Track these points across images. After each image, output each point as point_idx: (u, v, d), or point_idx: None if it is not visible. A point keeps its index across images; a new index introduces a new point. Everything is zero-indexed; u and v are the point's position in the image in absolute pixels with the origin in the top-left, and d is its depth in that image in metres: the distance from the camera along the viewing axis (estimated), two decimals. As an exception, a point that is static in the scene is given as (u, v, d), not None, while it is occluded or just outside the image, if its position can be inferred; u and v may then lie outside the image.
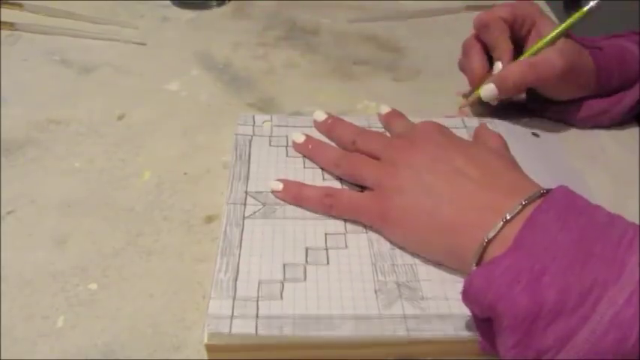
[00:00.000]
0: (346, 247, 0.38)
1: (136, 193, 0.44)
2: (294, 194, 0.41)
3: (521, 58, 0.49)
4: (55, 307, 0.36)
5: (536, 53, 0.48)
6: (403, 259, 0.38)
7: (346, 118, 0.50)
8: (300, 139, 0.45)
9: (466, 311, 0.32)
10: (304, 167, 0.45)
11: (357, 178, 0.41)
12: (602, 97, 0.51)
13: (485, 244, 0.32)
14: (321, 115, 0.48)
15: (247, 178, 0.43)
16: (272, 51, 0.63)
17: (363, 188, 0.41)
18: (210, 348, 0.32)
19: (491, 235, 0.32)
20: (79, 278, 0.38)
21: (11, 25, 0.64)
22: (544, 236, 0.30)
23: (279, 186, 0.41)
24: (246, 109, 0.54)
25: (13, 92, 0.55)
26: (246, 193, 0.42)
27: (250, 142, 0.47)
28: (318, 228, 0.40)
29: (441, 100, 0.55)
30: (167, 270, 0.38)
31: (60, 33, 0.64)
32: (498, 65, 0.49)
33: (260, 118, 0.49)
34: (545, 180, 0.45)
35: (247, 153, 0.45)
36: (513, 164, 0.39)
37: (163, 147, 0.49)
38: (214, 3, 0.71)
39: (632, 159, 0.48)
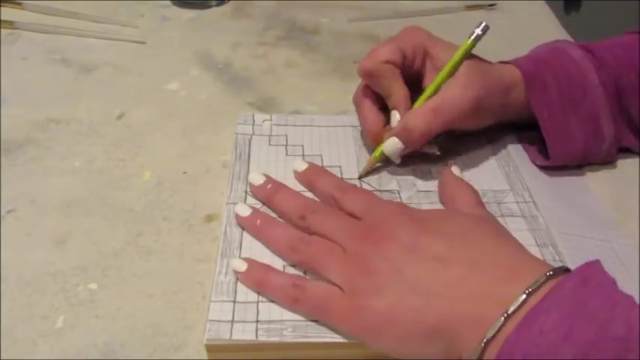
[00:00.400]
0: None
1: (136, 193, 0.44)
2: (258, 280, 0.35)
3: (421, 101, 0.43)
4: (55, 307, 0.36)
5: (436, 90, 0.43)
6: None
7: (346, 117, 0.50)
8: (246, 212, 0.39)
9: None
10: (304, 166, 0.45)
11: (318, 270, 0.35)
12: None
13: (484, 344, 0.28)
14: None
15: (247, 178, 0.43)
16: (272, 50, 0.63)
17: None
18: (210, 348, 0.32)
19: (490, 334, 0.28)
20: (79, 278, 0.38)
21: (11, 24, 0.64)
22: (547, 346, 0.26)
23: (243, 267, 0.35)
24: (246, 108, 0.54)
25: (13, 92, 0.54)
26: (246, 192, 0.42)
27: (250, 141, 0.47)
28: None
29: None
30: (167, 270, 0.38)
31: (60, 32, 0.64)
32: (396, 116, 0.43)
33: (260, 117, 0.49)
34: (546, 179, 0.45)
35: (247, 152, 0.45)
36: (503, 233, 0.34)
37: (163, 147, 0.49)
38: (214, 3, 0.71)
39: (632, 159, 0.48)
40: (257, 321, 0.33)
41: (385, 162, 0.45)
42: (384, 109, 0.45)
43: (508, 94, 0.44)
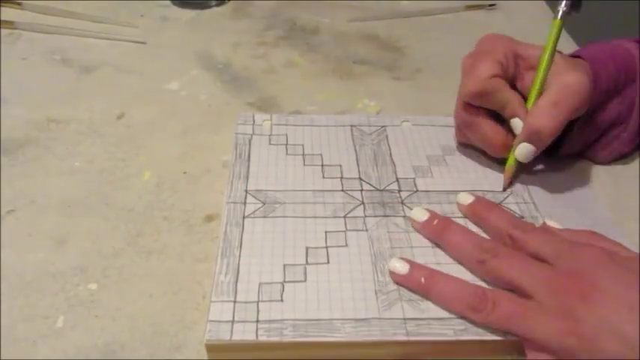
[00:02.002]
0: (346, 245, 0.38)
1: (136, 193, 0.44)
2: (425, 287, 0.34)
3: (532, 99, 0.42)
4: (55, 307, 0.36)
5: (543, 84, 0.42)
6: (403, 259, 0.37)
7: (346, 117, 0.50)
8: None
9: None
10: (304, 165, 0.45)
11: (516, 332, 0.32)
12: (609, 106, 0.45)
13: None
14: (422, 214, 0.40)
15: (247, 177, 0.43)
16: (272, 51, 0.63)
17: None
18: (210, 348, 0.32)
19: None
20: (79, 278, 0.38)
21: (11, 24, 0.64)
22: None
23: (404, 269, 0.35)
24: (246, 108, 0.54)
25: (13, 92, 0.54)
26: (246, 191, 0.42)
27: (250, 141, 0.47)
28: (318, 226, 0.39)
29: (440, 99, 0.54)
30: (167, 270, 0.38)
31: (60, 32, 0.64)
32: (518, 123, 0.42)
33: (260, 117, 0.49)
34: (546, 180, 0.45)
35: (247, 152, 0.46)
36: None
37: (163, 147, 0.49)
38: (214, 3, 0.71)
39: (632, 159, 0.48)
40: (257, 321, 0.33)
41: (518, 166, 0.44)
42: (495, 118, 0.44)
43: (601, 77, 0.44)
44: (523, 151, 0.42)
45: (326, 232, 0.39)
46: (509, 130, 0.43)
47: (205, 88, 0.56)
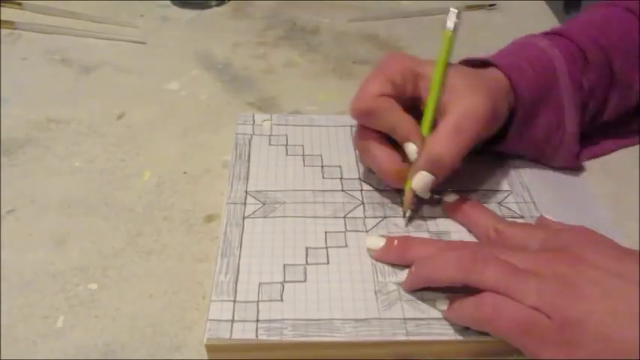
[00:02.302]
0: (346, 245, 0.38)
1: (136, 193, 0.44)
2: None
3: (427, 123, 0.39)
4: (55, 307, 0.36)
5: (437, 106, 0.39)
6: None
7: (346, 117, 0.50)
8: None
9: None
10: (304, 165, 0.45)
11: (507, 292, 0.31)
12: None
13: None
14: (378, 241, 0.37)
15: (247, 178, 0.43)
16: (272, 51, 0.63)
17: None
18: (210, 348, 0.32)
19: None
20: (79, 278, 0.38)
21: (11, 24, 0.64)
22: None
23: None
24: (246, 108, 0.54)
25: (13, 92, 0.54)
26: (246, 192, 0.42)
27: (250, 141, 0.47)
28: (318, 227, 0.40)
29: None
30: (167, 270, 0.38)
31: (60, 32, 0.64)
32: (412, 148, 0.38)
33: (260, 117, 0.49)
34: (546, 179, 0.45)
35: (247, 152, 0.46)
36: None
37: (163, 147, 0.49)
38: (214, 3, 0.71)
39: (631, 159, 0.48)
40: (257, 320, 0.33)
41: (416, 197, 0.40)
42: (394, 147, 0.40)
43: (506, 94, 0.41)
44: (421, 180, 0.38)
45: (326, 232, 0.39)
46: (406, 159, 0.40)
47: (205, 88, 0.56)
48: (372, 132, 0.40)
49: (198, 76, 0.58)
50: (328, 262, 0.37)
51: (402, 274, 0.36)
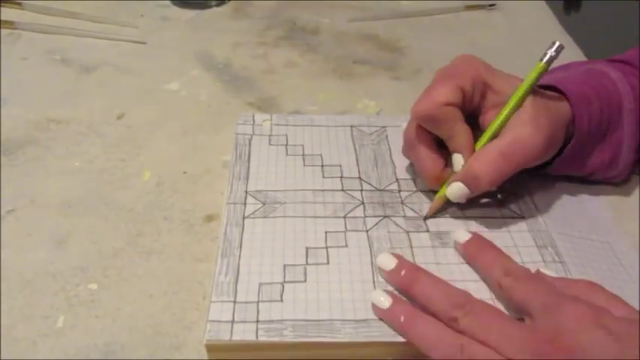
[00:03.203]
0: (346, 245, 0.38)
1: (136, 193, 0.44)
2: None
3: (484, 140, 0.39)
4: (55, 307, 0.36)
5: (501, 127, 0.39)
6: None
7: (346, 117, 0.50)
8: (386, 303, 0.34)
9: None
10: (304, 165, 0.45)
11: None
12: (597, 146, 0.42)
13: None
14: (389, 262, 0.36)
15: (247, 178, 0.43)
16: (272, 51, 0.63)
17: None
18: (210, 348, 0.32)
19: None
20: (79, 278, 0.38)
21: (11, 24, 0.64)
22: None
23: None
24: (246, 108, 0.54)
25: (13, 92, 0.54)
26: (246, 192, 0.42)
27: (250, 141, 0.47)
28: (318, 226, 0.40)
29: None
30: (167, 270, 0.38)
31: (60, 32, 0.64)
32: (459, 160, 0.39)
33: (260, 117, 0.49)
34: (546, 180, 0.45)
35: (247, 152, 0.46)
36: None
37: (163, 147, 0.49)
38: (214, 3, 0.71)
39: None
40: (257, 321, 0.33)
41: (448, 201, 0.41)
42: (441, 147, 0.41)
43: (566, 125, 0.40)
44: (456, 190, 0.39)
45: (326, 232, 0.39)
46: (449, 164, 0.40)
47: (205, 88, 0.56)
48: (425, 132, 0.40)
49: (198, 76, 0.58)
50: (328, 263, 0.37)
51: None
